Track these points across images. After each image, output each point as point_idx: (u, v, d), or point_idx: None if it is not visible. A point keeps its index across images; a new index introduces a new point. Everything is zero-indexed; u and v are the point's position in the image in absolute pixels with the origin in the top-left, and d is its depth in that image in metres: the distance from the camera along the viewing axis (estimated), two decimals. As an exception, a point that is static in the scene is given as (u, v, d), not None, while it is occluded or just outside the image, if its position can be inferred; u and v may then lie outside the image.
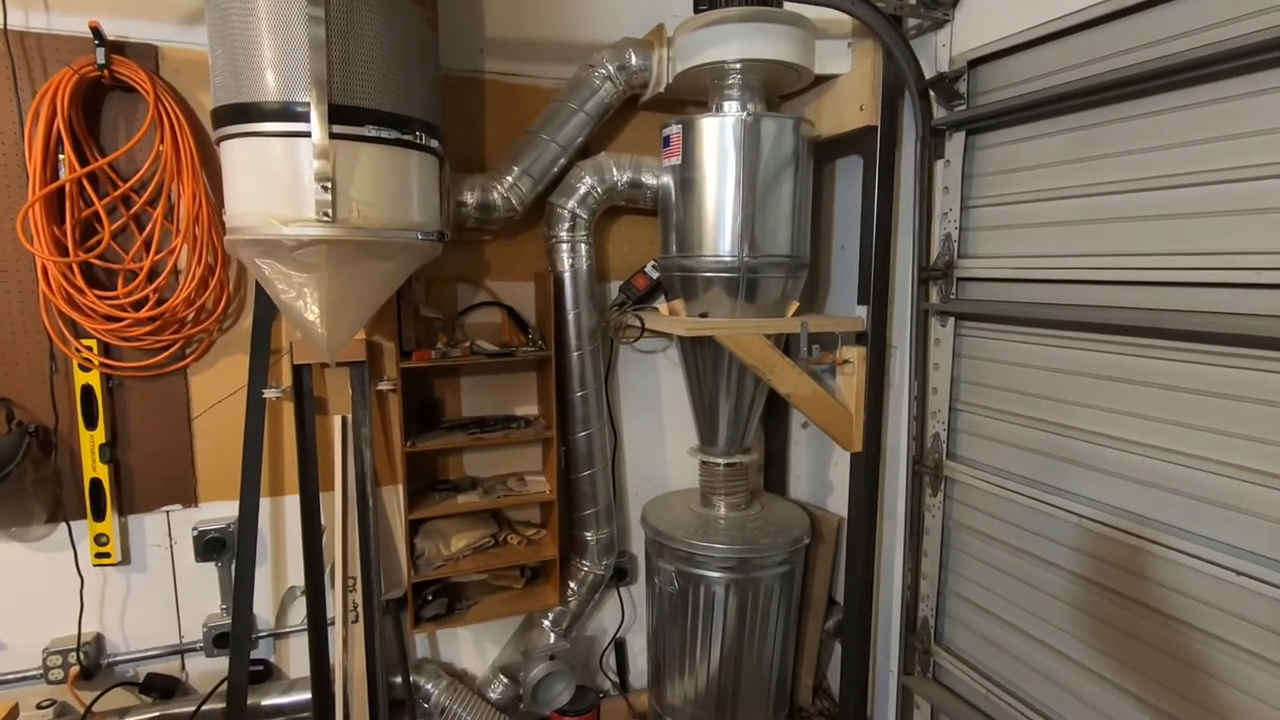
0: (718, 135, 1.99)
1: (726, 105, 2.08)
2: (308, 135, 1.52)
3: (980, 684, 1.93)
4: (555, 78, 2.25)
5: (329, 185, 1.53)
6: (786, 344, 2.13)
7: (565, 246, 2.15)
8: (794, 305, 2.13)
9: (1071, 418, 1.68)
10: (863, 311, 2.12)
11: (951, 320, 1.98)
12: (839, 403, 2.14)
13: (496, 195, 2.03)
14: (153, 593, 2.04)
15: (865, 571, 2.21)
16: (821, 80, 2.14)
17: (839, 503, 2.50)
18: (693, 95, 2.28)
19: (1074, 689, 1.71)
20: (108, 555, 1.94)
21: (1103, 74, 1.49)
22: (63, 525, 1.92)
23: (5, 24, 1.72)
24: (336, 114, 1.52)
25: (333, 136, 1.52)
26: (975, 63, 1.86)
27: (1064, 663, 1.73)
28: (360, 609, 2.12)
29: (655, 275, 2.32)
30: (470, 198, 2.01)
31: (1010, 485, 1.82)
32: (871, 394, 2.12)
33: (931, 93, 1.93)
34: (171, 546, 2.04)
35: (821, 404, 2.10)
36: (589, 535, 2.31)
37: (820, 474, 2.60)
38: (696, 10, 2.09)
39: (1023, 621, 1.83)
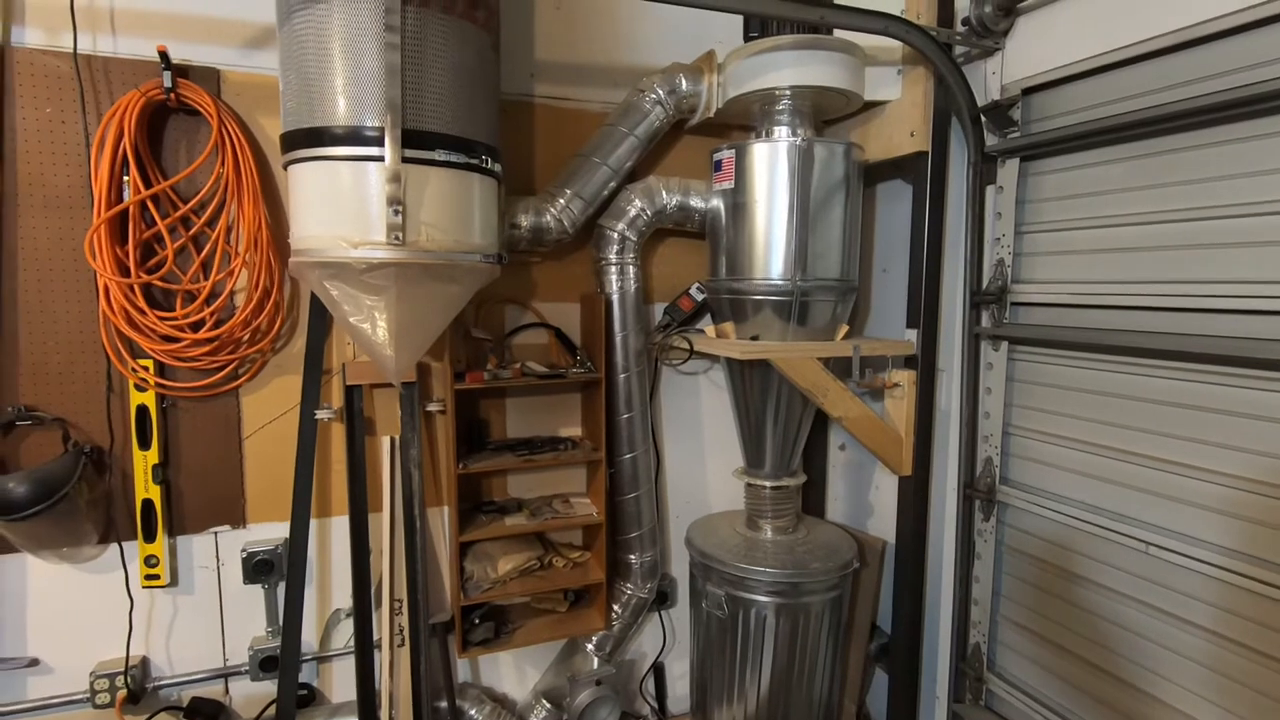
0: (770, 160, 2.01)
1: (776, 130, 2.10)
2: (379, 159, 1.53)
3: (1038, 713, 1.90)
4: (603, 102, 2.27)
5: (400, 209, 1.54)
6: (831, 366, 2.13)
7: (614, 269, 2.16)
8: (843, 329, 2.14)
9: (1132, 443, 1.68)
10: (912, 335, 2.12)
11: (1004, 345, 1.98)
12: (889, 426, 2.13)
13: (549, 217, 2.05)
14: (199, 615, 2.02)
15: (914, 597, 2.19)
16: (869, 105, 2.16)
17: (879, 526, 2.48)
18: (738, 120, 2.31)
19: None
20: (157, 577, 1.93)
21: (1172, 103, 1.51)
22: (113, 546, 1.90)
23: (75, 48, 1.74)
24: (409, 138, 1.53)
25: (405, 160, 1.53)
26: (1029, 90, 1.88)
27: (1129, 692, 1.71)
28: (406, 632, 2.10)
29: (700, 297, 2.33)
30: (524, 220, 2.02)
31: (1068, 511, 1.81)
32: (922, 417, 2.12)
33: (983, 119, 1.95)
34: (219, 568, 2.03)
35: (872, 427, 2.10)
36: (633, 558, 2.29)
37: (860, 497, 2.59)
38: (747, 38, 2.12)
39: (1084, 650, 1.81)
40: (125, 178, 1.76)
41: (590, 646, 2.31)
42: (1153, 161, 1.62)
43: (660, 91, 2.10)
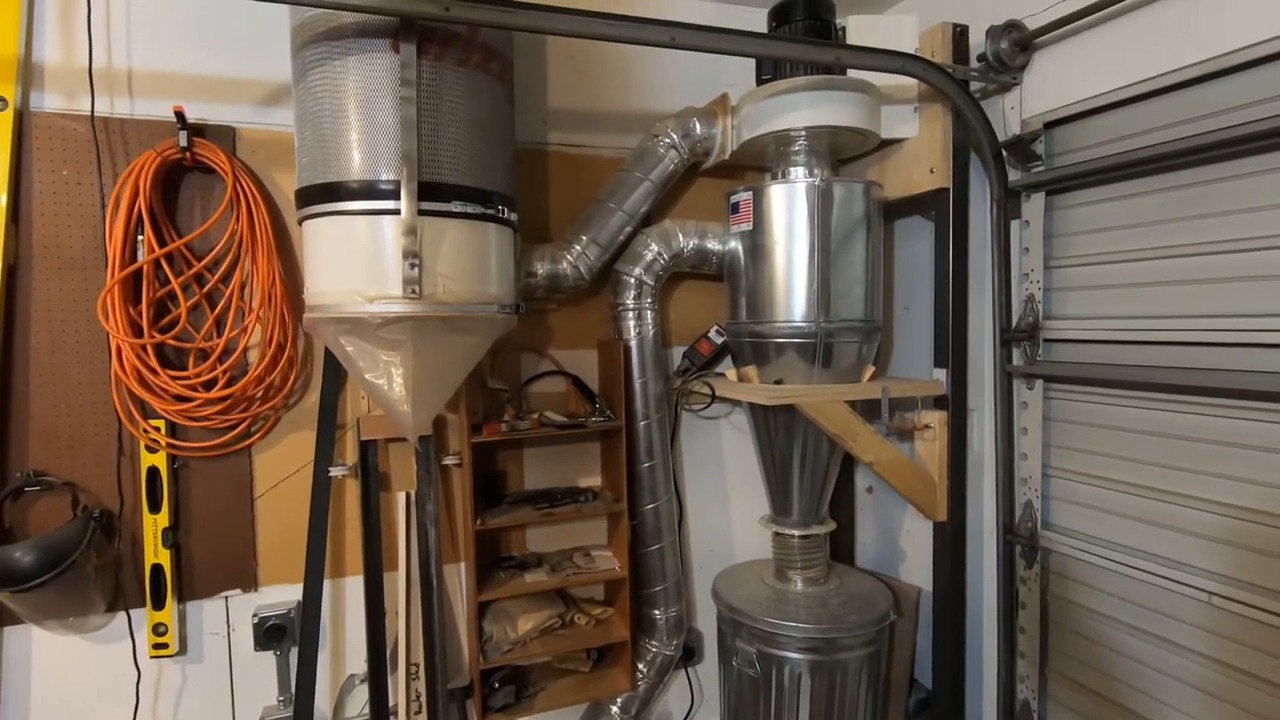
0: (789, 201, 1.98)
1: (793, 171, 2.07)
2: (395, 213, 1.50)
3: (1098, 776, 1.78)
4: (616, 148, 2.26)
5: (416, 262, 1.51)
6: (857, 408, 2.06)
7: (632, 314, 2.12)
8: (869, 370, 2.07)
9: (1184, 485, 1.60)
10: (940, 374, 2.06)
11: (1039, 383, 1.91)
12: (921, 469, 2.05)
13: (566, 264, 2.02)
14: (208, 685, 1.94)
15: (955, 650, 2.08)
16: (886, 143, 2.14)
17: (912, 572, 2.38)
18: (753, 161, 2.29)
19: (1212, 784, 1.57)
20: (165, 646, 1.85)
21: (1204, 134, 1.46)
22: (121, 614, 1.84)
23: (93, 111, 1.74)
24: (425, 191, 1.51)
25: (421, 213, 1.51)
26: (1051, 124, 1.85)
27: (1198, 754, 1.59)
28: (423, 699, 2.00)
29: (719, 340, 2.29)
30: (540, 268, 1.99)
31: (1119, 557, 1.72)
32: (955, 460, 2.04)
33: (1005, 154, 1.92)
34: (229, 634, 1.95)
35: (904, 471, 2.02)
36: (658, 613, 2.20)
37: (890, 542, 2.49)
38: (760, 81, 2.12)
39: (1145, 707, 1.69)
40: (140, 237, 1.75)
41: (615, 709, 2.20)
42: (1187, 193, 1.57)
43: (674, 135, 2.08)
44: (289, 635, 1.95)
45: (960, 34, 1.97)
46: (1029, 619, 1.96)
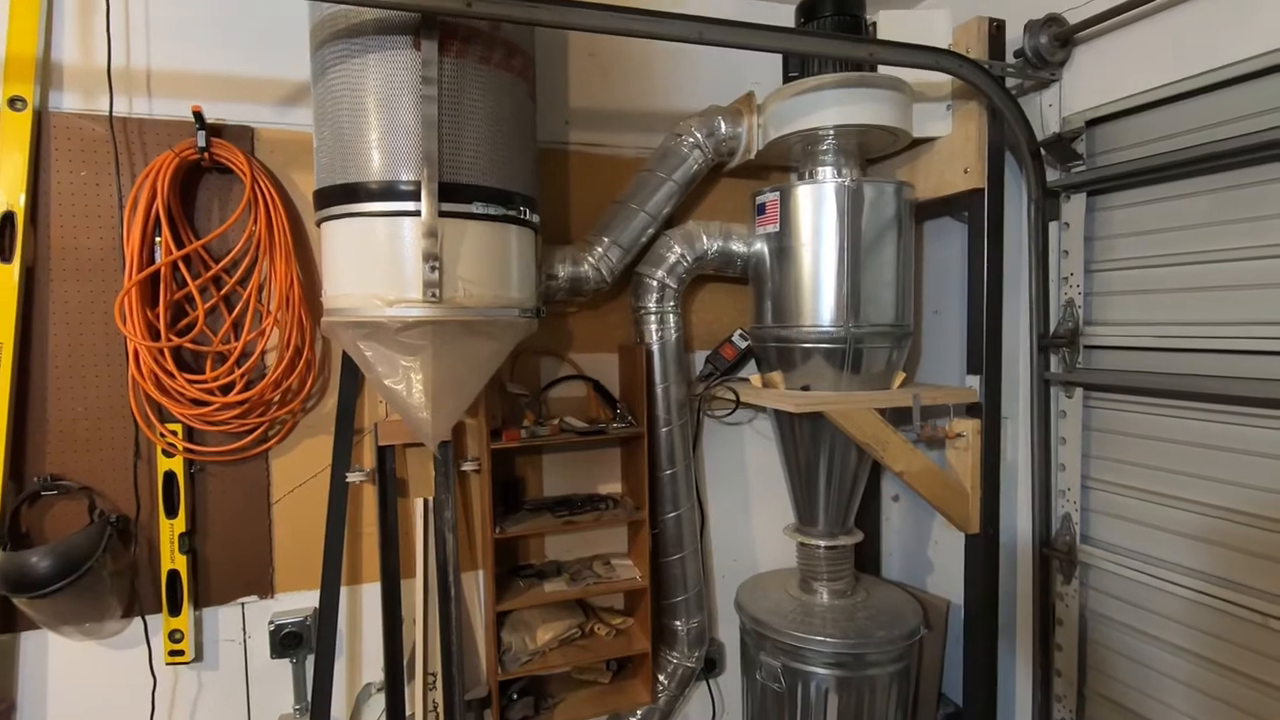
0: (816, 202, 1.92)
1: (820, 171, 2.02)
2: (415, 214, 1.47)
3: (1141, 803, 1.71)
4: (638, 148, 2.22)
5: (436, 265, 1.47)
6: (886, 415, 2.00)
7: (654, 317, 2.07)
8: (900, 376, 2.01)
9: (1238, 501, 1.52)
10: (973, 381, 1.99)
11: (1079, 391, 1.84)
12: (953, 480, 1.99)
13: (587, 266, 1.97)
14: (223, 693, 1.92)
15: (988, 668, 2.00)
16: (917, 142, 2.07)
17: (940, 584, 2.31)
18: (779, 161, 2.24)
19: (1266, 816, 1.49)
20: (181, 653, 1.83)
21: (1262, 131, 1.39)
22: (137, 620, 1.81)
23: (111, 111, 1.72)
24: (445, 192, 1.47)
25: (441, 214, 1.47)
26: (1092, 122, 1.78)
27: (1251, 784, 1.51)
28: (440, 709, 1.96)
29: (743, 345, 2.23)
30: (561, 270, 1.95)
31: (1165, 575, 1.65)
32: (988, 470, 1.97)
33: (1044, 153, 1.85)
34: (245, 641, 1.92)
35: (935, 481, 1.96)
36: (679, 624, 2.14)
37: (918, 552, 2.43)
38: (787, 79, 2.06)
39: (1192, 732, 1.62)
40: (157, 239, 1.73)
41: (635, 722, 2.15)
42: (1239, 194, 1.50)
43: (698, 135, 2.03)
44: (305, 643, 1.92)
45: (996, 29, 1.90)
46: (1066, 636, 1.89)
